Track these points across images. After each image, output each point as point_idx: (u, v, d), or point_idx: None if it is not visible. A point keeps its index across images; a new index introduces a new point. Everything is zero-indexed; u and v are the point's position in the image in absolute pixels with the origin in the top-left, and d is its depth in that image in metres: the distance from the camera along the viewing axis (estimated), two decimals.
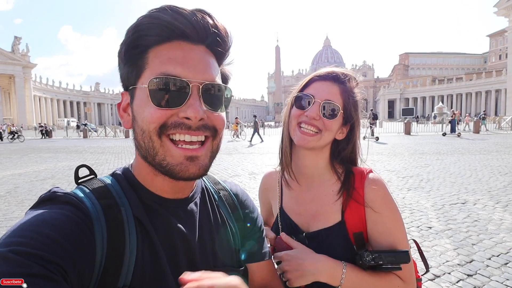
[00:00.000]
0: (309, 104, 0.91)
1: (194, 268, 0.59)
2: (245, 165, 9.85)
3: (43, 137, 29.87)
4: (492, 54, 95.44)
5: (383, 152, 12.61)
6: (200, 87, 0.54)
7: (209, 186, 0.75)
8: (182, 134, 0.54)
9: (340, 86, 0.92)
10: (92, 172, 0.63)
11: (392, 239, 0.86)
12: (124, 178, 0.62)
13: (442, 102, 64.94)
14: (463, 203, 5.14)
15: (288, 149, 0.99)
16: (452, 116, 22.79)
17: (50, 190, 0.53)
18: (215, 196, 0.74)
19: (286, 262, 0.85)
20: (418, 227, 4.13)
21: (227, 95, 0.60)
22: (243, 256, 0.74)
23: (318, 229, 0.93)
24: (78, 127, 28.25)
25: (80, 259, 0.46)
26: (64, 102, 78.81)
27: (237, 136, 21.18)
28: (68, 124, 40.23)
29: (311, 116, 0.89)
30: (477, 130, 22.67)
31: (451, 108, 70.80)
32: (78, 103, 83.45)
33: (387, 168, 8.71)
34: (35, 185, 7.38)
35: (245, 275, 0.72)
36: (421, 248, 1.11)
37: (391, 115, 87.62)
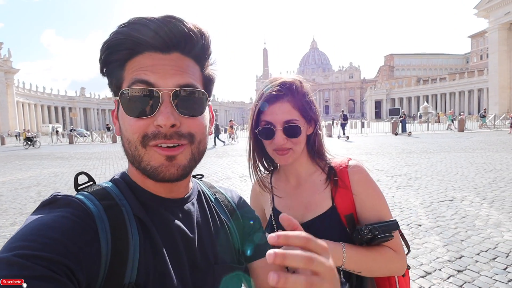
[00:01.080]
0: (272, 133, 0.95)
1: (194, 266, 0.62)
2: (235, 167, 9.81)
3: (27, 146, 29.03)
4: (473, 54, 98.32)
5: (371, 151, 12.78)
6: (171, 94, 0.55)
7: (205, 190, 0.77)
8: (160, 143, 0.56)
9: (290, 99, 0.95)
10: (91, 179, 0.64)
11: (379, 213, 0.96)
12: (122, 181, 0.63)
13: (427, 102, 66.48)
14: (451, 200, 5.24)
15: (261, 164, 1.09)
16: (402, 117, 24.38)
17: (51, 195, 0.54)
18: (211, 198, 0.76)
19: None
20: (408, 224, 4.19)
21: (203, 98, 0.60)
22: (248, 252, 0.74)
23: (313, 217, 1.01)
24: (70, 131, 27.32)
25: (85, 257, 0.47)
26: (49, 107, 76.93)
27: (233, 139, 21.12)
28: (53, 130, 39.14)
29: (279, 143, 0.95)
30: (461, 129, 23.26)
31: (436, 107, 72.50)
32: (63, 108, 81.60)
33: (376, 167, 8.83)
34: (20, 193, 7.16)
35: (246, 273, 0.73)
36: (409, 244, 1.19)
37: (378, 115, 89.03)
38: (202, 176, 0.85)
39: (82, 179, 0.64)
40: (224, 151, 15.28)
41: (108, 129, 31.56)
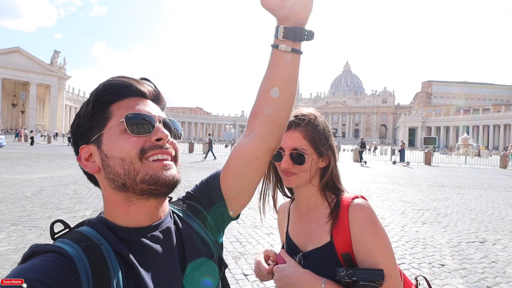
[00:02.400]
0: (280, 156, 1.04)
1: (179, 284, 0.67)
2: None
3: (69, 144, 31.16)
4: None
5: (399, 181, 12.29)
6: (161, 119, 0.70)
7: (175, 208, 0.81)
8: (157, 154, 0.65)
9: (301, 129, 1.05)
10: (66, 226, 0.67)
11: (374, 260, 0.92)
12: (99, 223, 0.66)
13: (467, 133, 62.89)
14: (482, 242, 4.92)
15: (272, 184, 1.17)
16: (401, 146, 24.74)
17: (30, 247, 0.57)
18: (181, 214, 0.79)
19: (276, 274, 1.01)
20: (430, 263, 3.99)
21: (176, 128, 0.74)
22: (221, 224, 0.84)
23: (312, 248, 1.04)
24: None
25: None
26: None
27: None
28: None
29: (284, 167, 1.04)
30: (504, 165, 21.70)
31: (477, 139, 68.22)
32: None
33: (402, 199, 8.48)
34: (58, 190, 7.76)
35: (218, 264, 0.78)
36: (431, 286, 1.16)
37: (412, 143, 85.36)
38: (171, 198, 0.87)
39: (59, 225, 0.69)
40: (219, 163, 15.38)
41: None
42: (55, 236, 0.64)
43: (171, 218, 0.76)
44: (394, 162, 23.09)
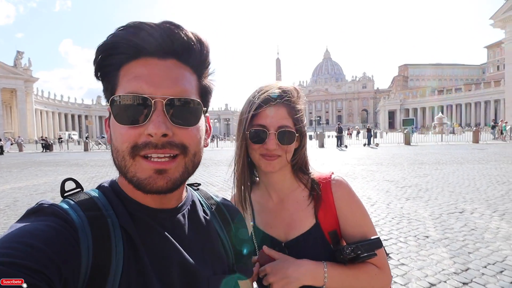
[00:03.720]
0: (265, 137, 0.92)
1: (188, 277, 0.60)
2: None
3: (44, 150, 29.99)
4: (490, 65, 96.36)
5: (382, 162, 12.64)
6: (164, 102, 0.53)
7: (202, 201, 0.75)
8: (150, 153, 0.54)
9: (286, 105, 0.94)
10: (78, 185, 0.62)
11: (363, 230, 0.94)
12: (111, 190, 0.61)
13: (442, 113, 65.19)
14: (461, 212, 5.15)
15: (247, 172, 1.01)
16: (367, 129, 25.68)
17: (37, 203, 0.53)
18: (207, 211, 0.73)
19: (271, 274, 0.88)
20: (415, 236, 4.15)
21: (198, 109, 0.59)
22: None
23: (296, 236, 0.97)
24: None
25: (65, 267, 0.46)
26: (66, 115, 79.25)
27: None
28: (70, 137, 40.19)
29: (271, 148, 0.92)
30: (476, 140, 22.71)
31: (451, 118, 71.02)
32: (79, 116, 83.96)
33: (386, 178, 8.74)
34: (35, 199, 7.41)
35: (239, 278, 0.72)
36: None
37: (391, 126, 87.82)
38: (199, 185, 0.82)
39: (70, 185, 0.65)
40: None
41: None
42: (65, 194, 0.59)
43: (191, 206, 0.69)
44: (364, 145, 23.82)
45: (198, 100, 0.59)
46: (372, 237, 0.91)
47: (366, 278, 0.90)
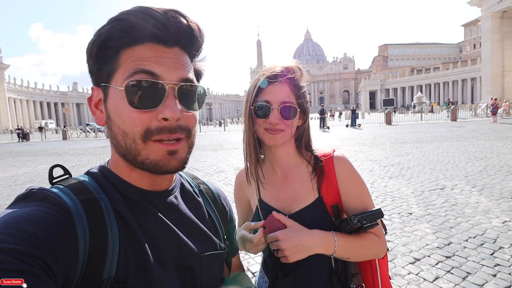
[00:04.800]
0: (268, 111, 0.97)
1: (182, 254, 0.62)
2: (230, 160, 9.84)
3: (20, 140, 28.79)
4: (467, 43, 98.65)
5: (365, 142, 12.89)
6: (176, 88, 0.56)
7: (189, 181, 0.78)
8: (165, 137, 0.56)
9: (289, 82, 0.99)
10: (66, 171, 0.62)
11: (363, 203, 1.01)
12: (101, 174, 0.61)
13: (421, 92, 66.79)
14: (442, 189, 5.34)
15: (255, 147, 1.06)
16: (351, 110, 25.18)
17: (27, 189, 0.53)
18: (196, 190, 0.76)
19: (284, 241, 0.90)
20: (399, 213, 4.27)
21: (200, 93, 0.61)
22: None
23: (300, 208, 1.02)
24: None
25: (62, 251, 0.46)
26: (41, 103, 75.84)
27: None
28: (46, 126, 38.65)
29: (274, 122, 0.97)
30: (454, 118, 23.49)
31: (430, 97, 72.92)
32: (55, 104, 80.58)
33: (369, 158, 8.92)
34: (14, 190, 7.13)
35: (227, 256, 0.77)
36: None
37: (372, 106, 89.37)
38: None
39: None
40: (219, 145, 15.29)
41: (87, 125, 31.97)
42: (54, 181, 0.59)
43: (180, 187, 0.72)
44: (347, 125, 24.13)
45: (202, 86, 0.62)
46: (373, 209, 0.97)
47: (368, 245, 0.98)
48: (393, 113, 24.48)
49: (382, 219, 1.09)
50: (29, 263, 0.41)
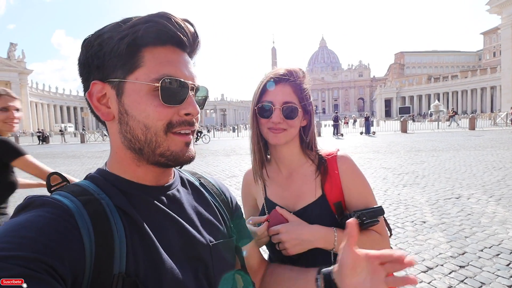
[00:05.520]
0: (271, 111, 1.02)
1: (191, 245, 0.63)
2: (242, 165, 9.90)
3: (40, 143, 29.82)
4: (486, 51, 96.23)
5: (379, 150, 12.71)
6: (194, 88, 0.63)
7: (188, 176, 0.80)
8: (184, 129, 0.61)
9: (292, 84, 1.03)
10: (64, 179, 0.64)
11: (366, 200, 1.03)
12: (99, 176, 0.62)
13: (438, 100, 65.30)
14: (457, 198, 5.22)
15: (261, 147, 1.11)
16: (365, 118, 24.95)
17: (25, 198, 0.53)
18: (196, 183, 0.78)
19: (285, 234, 0.95)
20: (413, 221, 4.20)
21: (203, 94, 0.68)
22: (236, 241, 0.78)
23: (304, 206, 1.05)
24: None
25: (67, 252, 0.46)
26: (61, 107, 78.57)
27: (196, 140, 21.98)
28: (65, 129, 39.87)
29: (276, 121, 1.01)
30: (472, 127, 22.85)
31: (447, 105, 71.23)
32: (75, 108, 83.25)
33: (383, 165, 8.80)
34: (34, 191, 7.38)
35: (235, 245, 0.77)
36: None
37: (388, 114, 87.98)
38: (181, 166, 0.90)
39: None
40: (232, 150, 15.41)
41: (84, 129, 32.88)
42: (52, 189, 0.60)
43: (181, 181, 0.74)
44: (361, 133, 23.86)
45: (205, 87, 0.68)
46: (375, 206, 1.00)
47: (369, 243, 0.98)
48: (412, 121, 23.83)
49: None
50: (32, 268, 0.41)
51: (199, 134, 22.43)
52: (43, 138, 30.40)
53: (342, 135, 23.12)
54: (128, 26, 0.58)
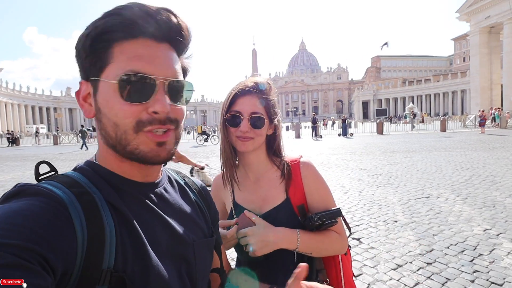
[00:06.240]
0: (239, 121, 1.07)
1: (176, 243, 0.64)
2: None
3: (10, 145, 28.35)
4: (456, 56, 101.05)
5: (356, 151, 13.05)
6: (166, 83, 0.58)
7: (174, 175, 0.81)
8: (155, 128, 0.58)
9: (259, 95, 1.09)
10: (53, 168, 0.62)
11: (326, 203, 1.11)
12: (90, 169, 0.62)
13: (413, 103, 67.85)
14: (427, 197, 5.45)
15: (231, 154, 1.15)
16: (342, 119, 25.70)
17: (15, 185, 0.52)
18: (181, 182, 0.79)
19: (252, 236, 1.00)
20: (385, 221, 4.35)
21: (188, 89, 0.64)
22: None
23: (269, 209, 1.12)
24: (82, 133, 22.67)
25: (60, 244, 0.45)
26: (33, 108, 74.85)
27: (205, 141, 22.08)
28: (37, 131, 38.13)
29: (244, 130, 1.06)
30: (443, 129, 23.93)
31: (421, 108, 74.12)
32: (47, 108, 79.58)
33: (359, 166, 9.04)
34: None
35: (216, 244, 0.80)
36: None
37: (365, 116, 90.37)
38: (165, 164, 0.89)
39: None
40: (211, 151, 15.30)
41: (94, 129, 31.55)
42: (40, 178, 0.59)
43: (168, 179, 0.74)
44: (339, 135, 24.50)
45: (188, 81, 0.65)
46: (333, 208, 1.07)
47: (329, 241, 1.07)
48: (390, 123, 24.68)
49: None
50: (26, 258, 0.40)
51: (207, 136, 22.50)
52: (13, 140, 28.93)
53: (321, 136, 23.59)
54: (92, 21, 0.57)
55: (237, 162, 1.21)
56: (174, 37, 0.61)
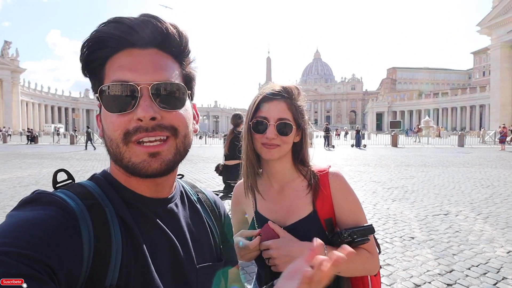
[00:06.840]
0: (265, 127, 1.02)
1: (177, 267, 0.62)
2: None
3: (29, 142, 29.21)
4: (476, 70, 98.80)
5: (369, 163, 12.81)
6: (149, 87, 0.56)
7: (188, 189, 0.78)
8: (141, 137, 0.56)
9: (287, 101, 1.04)
10: (70, 176, 0.63)
11: (356, 218, 1.04)
12: (104, 180, 0.62)
13: (429, 116, 66.48)
14: (446, 214, 5.25)
15: (255, 161, 1.09)
16: (356, 131, 25.16)
17: (33, 192, 0.53)
18: (194, 198, 0.77)
19: (276, 250, 0.95)
20: (401, 237, 4.20)
21: (183, 93, 0.61)
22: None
23: (295, 221, 1.05)
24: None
25: (67, 257, 0.46)
26: (52, 107, 77.15)
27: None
28: (56, 130, 39.17)
29: (270, 137, 1.01)
30: (461, 144, 23.27)
31: (437, 121, 72.55)
32: (66, 109, 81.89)
33: (373, 179, 8.84)
34: (18, 191, 7.20)
35: (225, 267, 0.76)
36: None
37: (379, 128, 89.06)
38: (182, 176, 0.83)
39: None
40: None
41: None
42: (57, 186, 0.60)
43: (180, 196, 0.72)
44: (352, 145, 24.03)
45: (182, 84, 0.61)
46: (365, 224, 1.00)
47: (359, 261, 0.99)
48: (405, 135, 24.07)
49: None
50: (36, 268, 0.41)
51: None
52: (32, 138, 29.80)
53: (333, 146, 23.27)
54: (82, 45, 0.58)
55: (260, 170, 1.16)
56: (161, 40, 0.59)
